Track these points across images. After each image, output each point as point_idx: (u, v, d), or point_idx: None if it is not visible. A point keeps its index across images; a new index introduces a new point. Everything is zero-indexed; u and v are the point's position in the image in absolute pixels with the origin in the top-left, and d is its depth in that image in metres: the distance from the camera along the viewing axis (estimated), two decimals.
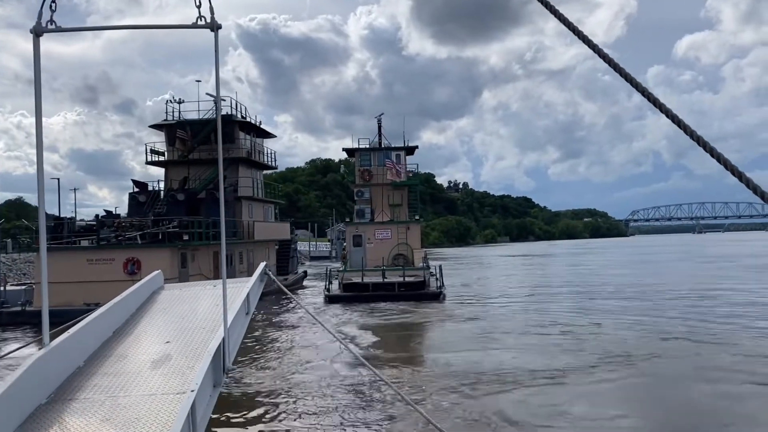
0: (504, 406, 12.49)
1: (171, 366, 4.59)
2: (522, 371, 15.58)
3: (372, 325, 24.71)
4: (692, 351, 17.93)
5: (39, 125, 4.22)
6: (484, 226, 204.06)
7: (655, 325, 22.71)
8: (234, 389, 13.95)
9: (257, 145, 41.40)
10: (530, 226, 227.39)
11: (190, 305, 6.37)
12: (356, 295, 33.12)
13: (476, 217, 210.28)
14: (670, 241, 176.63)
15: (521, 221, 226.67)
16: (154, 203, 34.26)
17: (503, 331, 22.40)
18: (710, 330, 21.24)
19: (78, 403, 4.03)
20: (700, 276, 46.45)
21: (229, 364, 4.84)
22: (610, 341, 19.50)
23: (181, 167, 37.51)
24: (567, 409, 12.37)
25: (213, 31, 4.42)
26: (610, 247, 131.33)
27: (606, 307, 28.79)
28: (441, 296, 33.33)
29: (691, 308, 27.16)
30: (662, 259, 73.43)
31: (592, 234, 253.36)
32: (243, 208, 38.18)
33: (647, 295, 33.62)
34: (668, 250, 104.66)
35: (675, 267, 59.15)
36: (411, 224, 39.65)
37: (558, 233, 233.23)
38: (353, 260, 37.80)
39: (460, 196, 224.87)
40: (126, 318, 5.92)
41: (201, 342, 5.03)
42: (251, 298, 6.22)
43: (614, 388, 14.28)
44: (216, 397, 4.48)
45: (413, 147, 43.10)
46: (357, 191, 41.55)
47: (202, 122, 37.06)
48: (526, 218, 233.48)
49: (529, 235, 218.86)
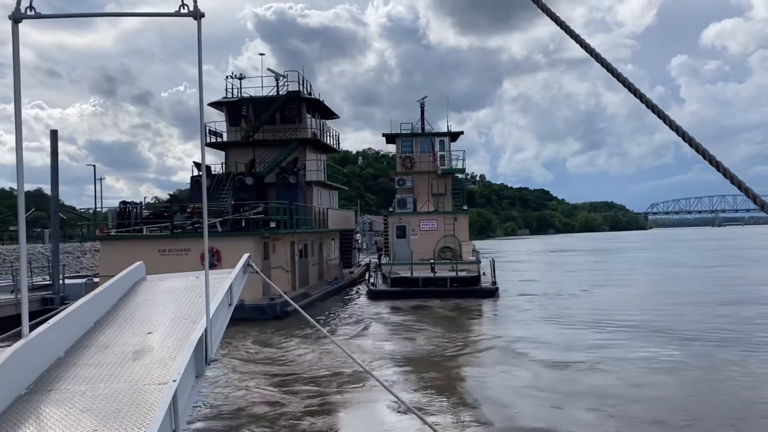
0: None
1: (153, 357, 4.53)
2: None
3: (433, 338, 20.31)
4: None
5: (18, 113, 4.25)
6: (504, 219, 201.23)
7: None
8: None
9: (324, 127, 38.09)
10: (550, 219, 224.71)
11: (172, 296, 6.27)
12: (404, 290, 30.58)
13: (495, 209, 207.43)
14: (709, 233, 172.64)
15: (541, 214, 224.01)
16: (218, 188, 31.17)
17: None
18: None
19: (58, 394, 4.02)
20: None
21: (211, 354, 4.75)
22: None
23: (243, 149, 34.12)
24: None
25: (196, 19, 4.35)
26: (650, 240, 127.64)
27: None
28: (496, 292, 30.80)
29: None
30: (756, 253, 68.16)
31: (611, 227, 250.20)
32: (314, 193, 35.28)
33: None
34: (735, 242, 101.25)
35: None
36: (459, 215, 36.92)
37: (578, 226, 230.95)
38: (398, 253, 35.15)
39: (478, 189, 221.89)
40: (107, 309, 5.85)
41: (183, 333, 4.98)
42: (234, 289, 6.14)
43: None
44: (198, 388, 4.41)
45: (458, 132, 40.45)
46: (398, 179, 38.90)
47: (268, 100, 33.80)
48: (545, 211, 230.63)
49: (549, 228, 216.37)
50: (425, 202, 38.03)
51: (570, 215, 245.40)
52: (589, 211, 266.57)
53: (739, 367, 15.07)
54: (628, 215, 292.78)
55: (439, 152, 38.17)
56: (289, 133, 33.35)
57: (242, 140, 33.42)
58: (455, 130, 40.61)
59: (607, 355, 16.67)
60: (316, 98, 34.57)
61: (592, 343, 18.49)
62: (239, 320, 21.71)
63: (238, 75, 34.34)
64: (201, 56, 4.48)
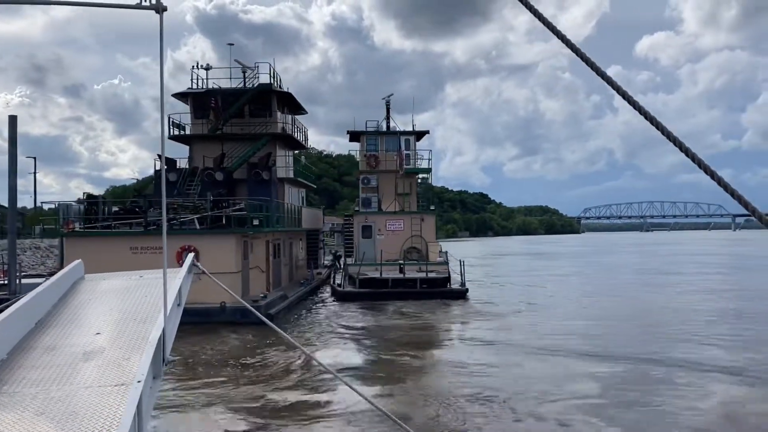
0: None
1: (105, 358, 4.33)
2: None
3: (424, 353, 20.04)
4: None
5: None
6: (446, 221, 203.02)
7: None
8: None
9: (294, 122, 36.68)
10: (489, 222, 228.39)
11: (116, 296, 6.07)
12: (372, 292, 29.87)
13: (437, 212, 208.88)
14: (638, 239, 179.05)
15: (480, 216, 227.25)
16: (185, 183, 29.57)
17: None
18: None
19: (7, 397, 3.77)
20: None
21: (167, 355, 4.57)
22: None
23: (210, 143, 32.49)
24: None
25: (158, 13, 4.02)
26: (591, 244, 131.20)
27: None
28: (466, 294, 30.52)
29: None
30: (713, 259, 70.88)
31: (546, 230, 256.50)
32: (285, 191, 33.95)
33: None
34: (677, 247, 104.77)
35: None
36: (426, 215, 36.58)
37: (515, 229, 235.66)
38: (363, 253, 34.36)
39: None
40: (48, 309, 5.62)
41: (134, 333, 4.81)
42: (183, 290, 5.84)
43: None
44: (157, 389, 4.22)
45: (423, 132, 40.03)
46: (363, 178, 38.23)
47: (237, 92, 32.27)
48: (484, 214, 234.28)
49: (488, 230, 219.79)
50: (391, 202, 37.46)
51: (508, 218, 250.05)
52: (525, 215, 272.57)
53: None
54: (563, 219, 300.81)
55: (405, 151, 37.61)
56: (259, 127, 32.12)
57: (209, 133, 31.93)
58: (421, 129, 40.10)
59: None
60: (288, 92, 33.42)
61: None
62: (219, 324, 20.65)
63: (205, 65, 32.78)
64: (163, 51, 4.24)
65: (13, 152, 21.09)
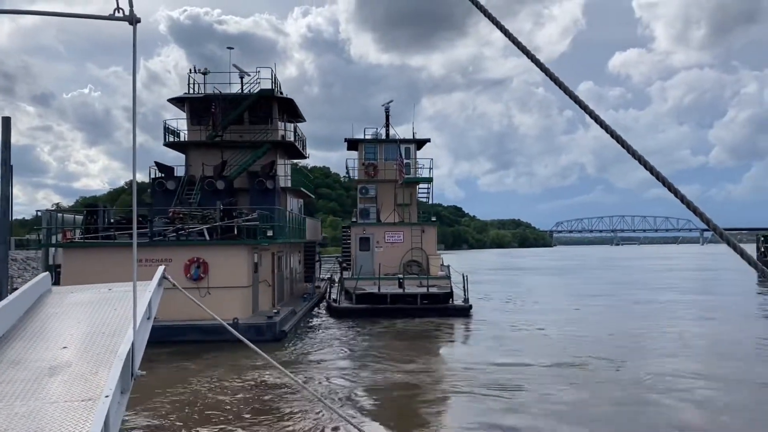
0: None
1: (71, 372, 4.20)
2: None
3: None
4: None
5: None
6: None
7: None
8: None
9: (293, 129, 34.89)
10: (464, 235, 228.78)
11: (84, 309, 5.82)
12: (370, 308, 28.51)
13: None
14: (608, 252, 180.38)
15: (455, 230, 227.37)
16: (184, 191, 27.95)
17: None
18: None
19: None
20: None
21: (136, 370, 4.42)
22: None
23: (208, 150, 30.76)
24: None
25: (131, 24, 4.00)
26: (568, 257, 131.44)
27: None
28: (469, 311, 29.27)
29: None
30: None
31: (520, 244, 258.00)
32: (287, 201, 32.35)
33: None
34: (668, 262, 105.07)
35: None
36: (426, 226, 35.40)
37: (489, 242, 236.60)
38: (360, 267, 32.94)
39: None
40: (13, 323, 5.39)
41: (102, 347, 4.65)
42: (152, 303, 5.60)
43: None
44: (125, 404, 4.03)
45: (425, 140, 38.86)
46: (361, 188, 36.93)
47: (237, 98, 30.65)
48: (459, 227, 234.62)
49: (462, 243, 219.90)
50: (390, 213, 36.25)
51: (481, 231, 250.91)
52: (499, 228, 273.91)
53: None
54: (535, 233, 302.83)
55: (405, 160, 36.41)
56: (260, 134, 30.65)
57: (208, 140, 30.30)
58: (421, 138, 38.87)
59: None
60: (289, 98, 32.01)
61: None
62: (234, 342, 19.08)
63: (203, 70, 31.19)
64: (135, 62, 4.21)
65: (6, 157, 19.42)
